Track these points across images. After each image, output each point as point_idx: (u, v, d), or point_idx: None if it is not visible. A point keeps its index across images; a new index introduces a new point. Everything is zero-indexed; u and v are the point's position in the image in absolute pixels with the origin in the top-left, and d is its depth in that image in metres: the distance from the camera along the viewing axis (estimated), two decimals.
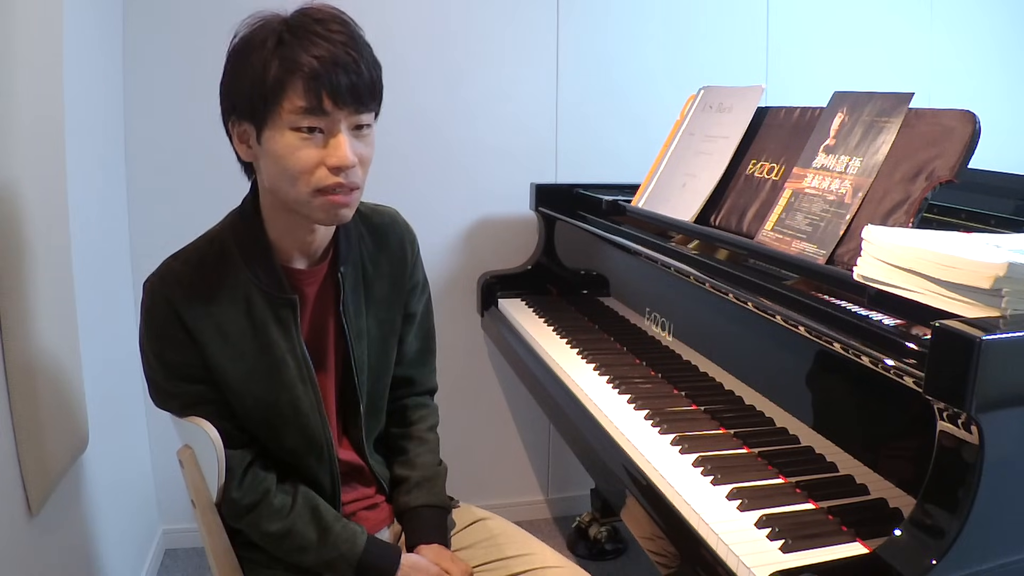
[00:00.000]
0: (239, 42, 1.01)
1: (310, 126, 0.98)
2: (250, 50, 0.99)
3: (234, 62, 1.01)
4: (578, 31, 2.25)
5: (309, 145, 0.98)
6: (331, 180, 1.00)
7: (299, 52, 0.96)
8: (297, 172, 0.99)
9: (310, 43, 0.97)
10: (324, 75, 0.96)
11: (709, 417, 1.32)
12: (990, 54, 2.59)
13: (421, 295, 1.28)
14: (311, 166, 0.99)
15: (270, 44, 0.97)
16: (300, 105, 0.97)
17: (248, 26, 1.01)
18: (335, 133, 0.99)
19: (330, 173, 0.99)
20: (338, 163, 0.99)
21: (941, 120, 1.15)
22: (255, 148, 1.03)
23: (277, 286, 1.08)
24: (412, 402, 1.31)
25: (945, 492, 0.82)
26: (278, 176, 1.01)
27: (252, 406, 1.09)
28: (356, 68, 0.98)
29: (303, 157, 0.99)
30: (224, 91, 1.04)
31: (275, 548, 1.12)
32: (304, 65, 0.96)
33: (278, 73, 0.96)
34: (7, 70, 1.16)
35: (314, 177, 0.99)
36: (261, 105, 0.98)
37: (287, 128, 0.98)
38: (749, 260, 1.32)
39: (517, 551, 1.21)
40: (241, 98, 1.00)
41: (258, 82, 0.97)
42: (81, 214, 1.57)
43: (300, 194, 1.01)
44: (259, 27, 1.00)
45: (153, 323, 1.06)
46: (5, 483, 1.13)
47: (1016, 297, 0.84)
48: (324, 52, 0.97)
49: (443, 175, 2.22)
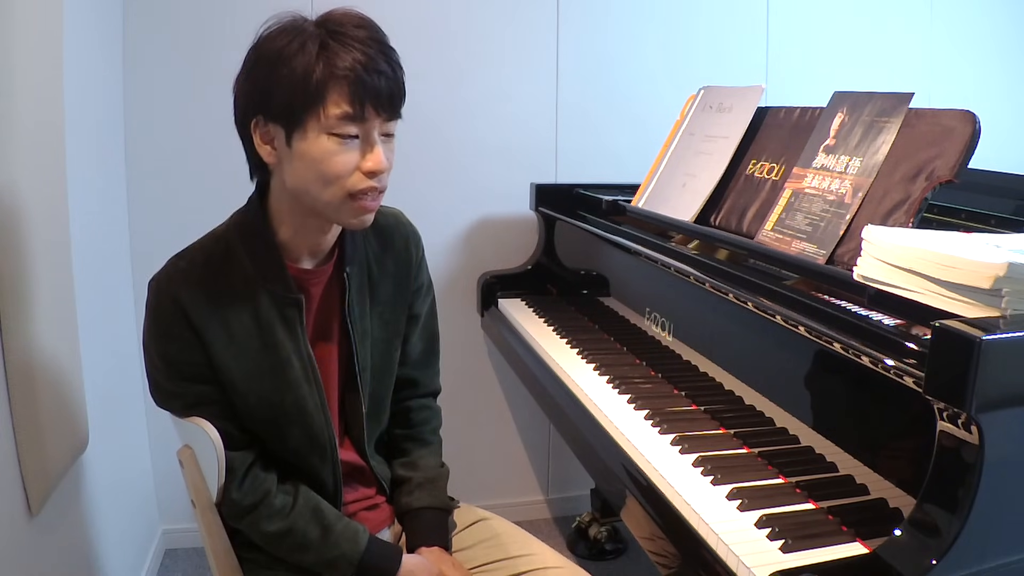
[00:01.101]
0: (269, 45, 0.99)
1: (350, 132, 0.99)
2: (288, 52, 0.97)
3: (266, 64, 0.99)
4: (578, 31, 2.25)
5: (346, 150, 0.99)
6: (365, 184, 1.01)
7: (344, 58, 0.97)
8: (333, 176, 1.00)
9: (353, 48, 0.97)
10: (368, 82, 0.97)
11: (709, 417, 1.32)
12: (990, 54, 2.59)
13: (425, 296, 1.28)
14: (348, 171, 1.00)
15: (311, 48, 0.97)
16: (343, 111, 0.97)
17: (278, 29, 1.00)
18: (371, 139, 1.01)
19: (364, 177, 1.01)
20: (374, 168, 1.01)
21: (941, 120, 1.15)
22: (281, 150, 1.02)
23: (283, 285, 1.08)
24: (416, 404, 1.31)
25: (945, 492, 0.82)
26: (311, 179, 1.01)
27: (256, 405, 1.09)
28: (393, 75, 1.00)
29: (341, 162, 0.99)
30: (248, 91, 1.02)
31: (276, 548, 1.12)
32: (350, 71, 0.96)
33: (322, 77, 0.96)
34: (7, 71, 1.16)
35: (349, 181, 1.01)
36: (300, 108, 0.97)
37: (324, 133, 0.98)
38: (749, 260, 1.32)
39: (517, 551, 1.21)
40: (275, 100, 0.99)
41: (299, 85, 0.96)
42: (81, 214, 1.57)
43: (333, 197, 1.01)
44: (291, 30, 0.99)
45: (158, 321, 1.06)
46: (5, 483, 1.13)
47: (1016, 297, 0.84)
48: (367, 59, 0.97)
49: (443, 175, 2.22)
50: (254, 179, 1.12)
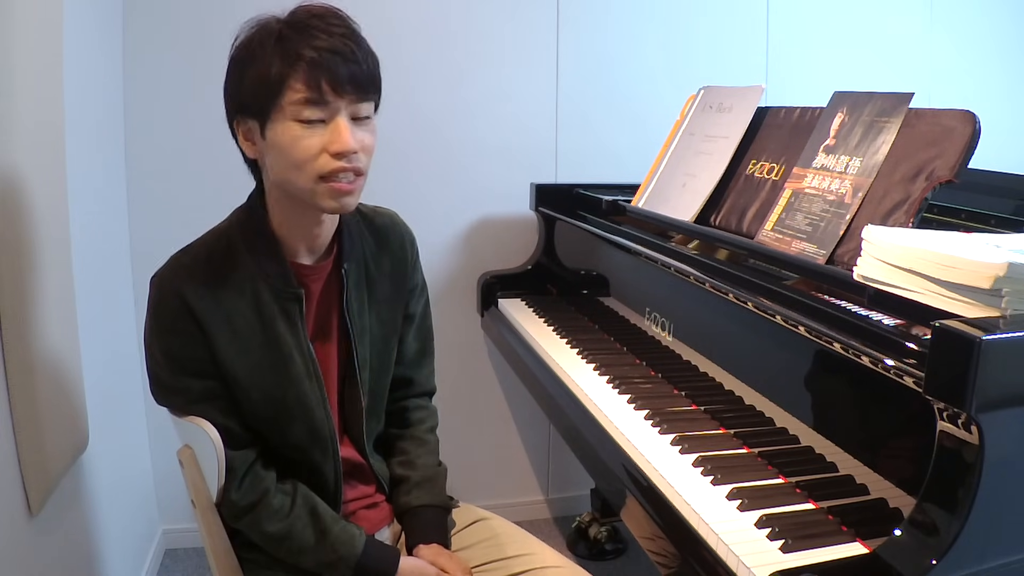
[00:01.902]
0: (240, 45, 1.04)
1: (313, 116, 1.00)
2: (252, 50, 1.02)
3: (236, 64, 1.04)
4: (578, 31, 2.25)
5: (312, 134, 1.01)
6: (334, 165, 1.02)
7: (299, 44, 0.99)
8: (302, 160, 1.02)
9: (309, 35, 1.00)
10: (324, 64, 0.99)
11: (709, 417, 1.32)
12: (990, 54, 2.59)
13: (420, 296, 1.29)
14: (315, 153, 1.01)
15: (270, 41, 1.01)
16: (302, 95, 0.99)
17: (248, 29, 1.05)
18: (336, 120, 1.02)
19: (332, 159, 1.02)
20: (340, 148, 1.01)
21: (941, 120, 1.15)
22: (260, 144, 1.06)
23: (284, 280, 1.09)
24: (411, 404, 1.31)
25: (945, 492, 0.82)
26: (284, 167, 1.04)
27: (259, 400, 1.09)
28: (354, 57, 1.01)
29: (307, 145, 1.01)
30: (228, 93, 1.07)
31: (275, 549, 1.12)
32: (304, 56, 0.99)
33: (280, 67, 0.99)
34: (7, 71, 1.16)
35: (317, 163, 1.02)
36: (265, 100, 1.01)
37: (290, 119, 1.01)
38: (749, 260, 1.32)
39: (517, 551, 1.22)
40: (245, 97, 1.03)
41: (261, 78, 1.00)
42: (81, 214, 1.57)
43: (307, 182, 1.03)
44: (258, 29, 1.04)
45: (162, 317, 1.06)
46: (5, 483, 1.13)
47: (1016, 297, 0.84)
48: (323, 43, 1.00)
49: (443, 175, 2.22)
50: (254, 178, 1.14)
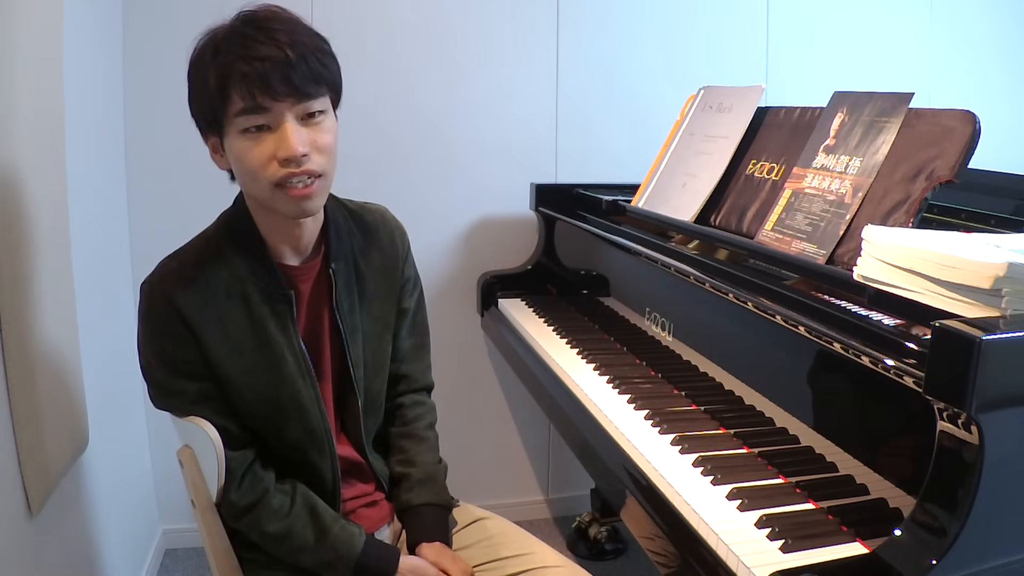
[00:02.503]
0: (191, 59, 1.04)
1: (255, 125, 1.00)
2: (196, 66, 1.03)
3: (188, 79, 1.05)
4: (578, 31, 2.25)
5: (260, 143, 1.01)
6: (282, 172, 1.01)
7: (229, 58, 0.99)
8: (254, 170, 1.02)
9: (240, 46, 0.99)
10: (253, 73, 0.98)
11: (709, 417, 1.32)
12: (990, 54, 2.59)
13: (413, 290, 1.29)
14: (264, 162, 1.01)
15: (207, 57, 1.01)
16: (239, 107, 1.00)
17: (199, 41, 1.04)
18: (279, 126, 1.01)
19: (281, 166, 1.01)
20: (285, 154, 1.00)
21: (941, 120, 1.15)
22: (225, 156, 1.06)
23: (273, 282, 1.09)
24: (409, 400, 1.31)
25: (945, 492, 0.82)
26: (243, 178, 1.05)
27: (254, 401, 1.09)
28: (286, 59, 0.99)
29: (255, 155, 1.01)
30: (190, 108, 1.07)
31: (274, 549, 1.12)
32: (235, 70, 0.98)
33: (217, 82, 0.99)
34: (7, 71, 1.16)
35: (268, 172, 1.02)
36: (212, 116, 1.02)
37: (236, 132, 1.01)
38: (749, 260, 1.32)
39: (516, 551, 1.22)
40: (198, 112, 1.05)
41: (205, 95, 1.01)
42: (81, 214, 1.57)
43: (264, 190, 1.04)
44: (205, 40, 1.03)
45: (153, 322, 1.06)
46: (5, 483, 1.13)
47: (1016, 297, 0.83)
48: (252, 52, 0.99)
49: (443, 175, 2.22)
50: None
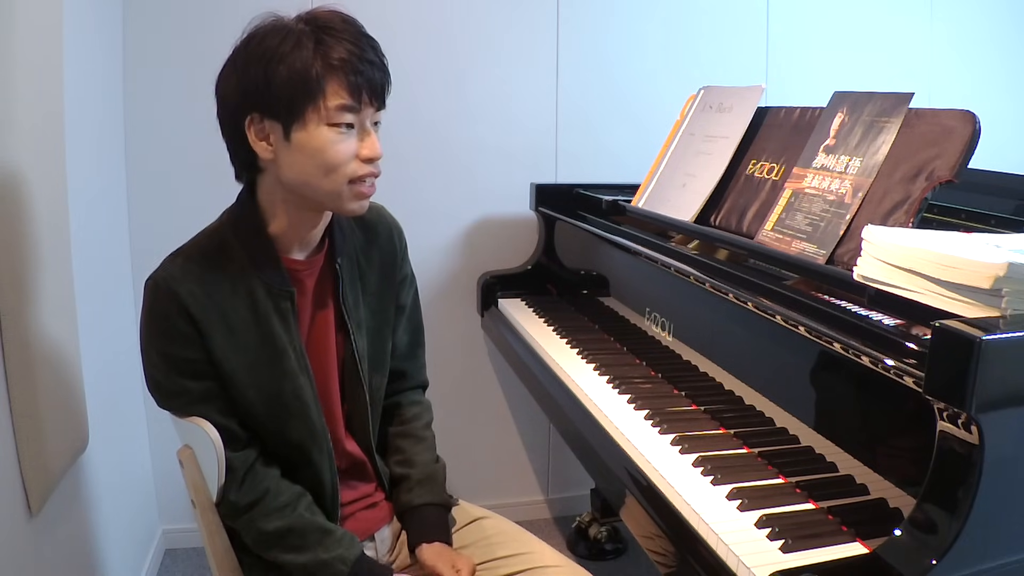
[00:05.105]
0: (260, 45, 1.01)
1: (347, 123, 1.03)
2: (284, 51, 1.00)
3: (260, 63, 1.01)
4: (578, 31, 2.25)
5: (345, 139, 1.04)
6: (365, 170, 1.06)
7: (340, 51, 1.01)
8: (335, 164, 1.04)
9: (346, 42, 1.02)
10: (364, 72, 1.02)
11: (709, 417, 1.32)
12: (990, 54, 2.59)
13: (409, 288, 1.30)
14: (347, 158, 1.05)
15: (308, 43, 1.00)
16: (342, 101, 1.01)
17: (265, 29, 1.02)
18: (366, 127, 1.06)
19: (363, 164, 1.05)
20: (371, 154, 1.05)
21: (941, 120, 1.15)
22: (278, 145, 1.04)
23: (278, 278, 1.10)
24: (405, 399, 1.31)
25: (945, 492, 0.82)
26: (311, 170, 1.04)
27: (256, 398, 1.09)
28: (383, 66, 1.05)
29: (341, 150, 1.04)
30: (243, 91, 1.03)
31: (268, 549, 1.11)
32: (347, 63, 1.01)
33: (321, 70, 1.00)
34: (7, 71, 1.16)
35: (349, 168, 1.05)
36: (301, 102, 1.01)
37: (324, 123, 1.02)
38: (749, 260, 1.32)
39: (516, 550, 1.22)
40: (272, 96, 1.01)
41: (299, 80, 1.00)
42: (81, 213, 1.57)
43: (335, 185, 1.05)
44: (280, 29, 1.02)
45: (157, 320, 1.06)
46: (5, 483, 1.13)
47: (1016, 297, 0.83)
48: (359, 51, 1.02)
49: (443, 175, 2.22)
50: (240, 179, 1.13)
